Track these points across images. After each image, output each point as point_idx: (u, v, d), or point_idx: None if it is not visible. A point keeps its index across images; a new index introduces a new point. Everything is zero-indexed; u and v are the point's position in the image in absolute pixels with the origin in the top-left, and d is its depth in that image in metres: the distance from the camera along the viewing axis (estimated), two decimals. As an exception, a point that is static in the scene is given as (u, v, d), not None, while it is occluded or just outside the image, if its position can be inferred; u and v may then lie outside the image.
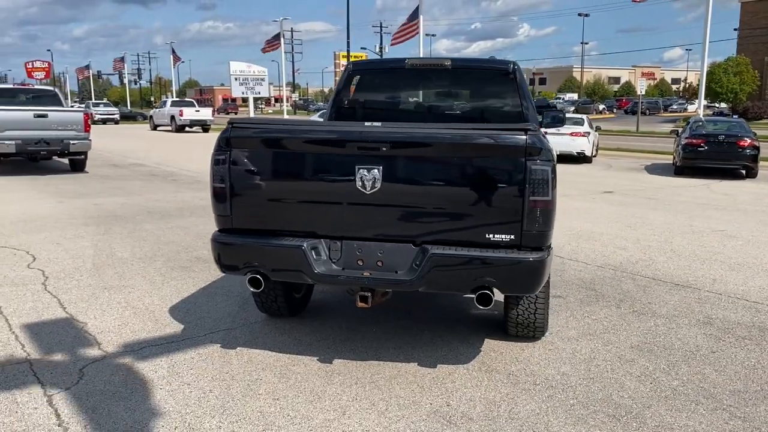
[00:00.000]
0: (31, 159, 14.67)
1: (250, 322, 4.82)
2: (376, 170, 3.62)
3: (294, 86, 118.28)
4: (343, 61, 60.22)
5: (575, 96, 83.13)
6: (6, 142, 13.20)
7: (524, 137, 3.49)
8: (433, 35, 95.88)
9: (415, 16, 30.46)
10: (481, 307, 3.63)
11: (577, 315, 5.10)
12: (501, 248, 3.61)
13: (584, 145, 18.72)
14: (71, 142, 13.79)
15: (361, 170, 3.62)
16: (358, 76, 5.79)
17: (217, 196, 3.86)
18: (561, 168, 17.21)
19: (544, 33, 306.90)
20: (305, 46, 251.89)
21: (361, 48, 66.71)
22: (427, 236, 3.69)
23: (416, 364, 4.11)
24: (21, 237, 7.71)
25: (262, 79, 38.00)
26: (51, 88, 18.51)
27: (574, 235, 8.24)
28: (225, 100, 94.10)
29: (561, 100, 74.17)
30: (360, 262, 3.77)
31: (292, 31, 75.56)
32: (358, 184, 3.63)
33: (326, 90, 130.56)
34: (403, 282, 3.66)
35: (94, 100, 59.14)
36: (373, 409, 3.49)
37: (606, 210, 10.48)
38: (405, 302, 5.22)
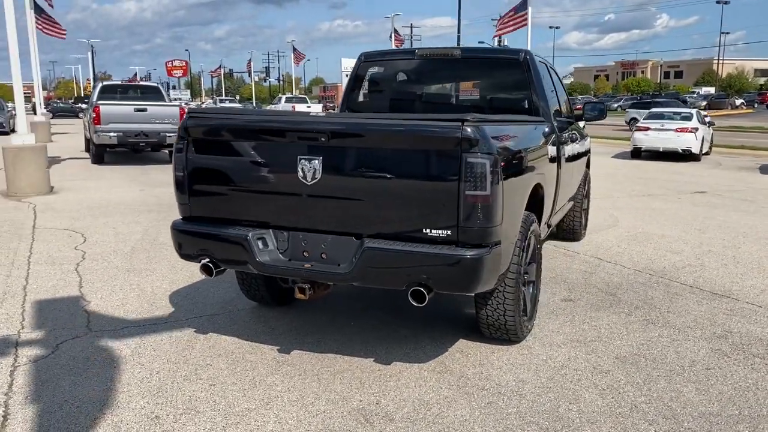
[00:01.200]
0: (134, 150, 15.73)
1: (237, 309, 4.91)
2: (316, 161, 3.57)
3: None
4: (462, 56, 59.46)
5: (712, 90, 77.63)
6: (109, 134, 14.25)
7: (459, 128, 3.30)
8: (557, 27, 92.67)
9: (524, 7, 29.65)
10: (415, 304, 3.48)
11: (577, 320, 4.78)
12: (438, 244, 3.45)
13: (690, 142, 17.44)
14: (167, 134, 14.64)
15: (302, 160, 3.59)
16: (370, 67, 5.73)
17: (177, 184, 3.97)
18: (662, 166, 16.24)
19: (684, 23, 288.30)
20: (431, 41, 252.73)
21: (479, 42, 65.82)
22: (368, 229, 3.59)
23: (372, 360, 4.02)
24: (86, 221, 8.30)
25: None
26: (155, 84, 19.79)
27: (629, 237, 7.72)
28: (323, 97, 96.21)
29: (696, 95, 69.57)
30: (306, 254, 3.74)
31: (411, 26, 76.22)
32: (300, 174, 3.60)
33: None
34: (339, 275, 3.59)
35: (222, 97, 62.66)
36: (299, 402, 3.45)
37: (685, 211, 9.72)
38: (399, 298, 5.09)
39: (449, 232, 3.41)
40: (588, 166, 7.67)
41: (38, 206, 9.35)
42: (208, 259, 3.86)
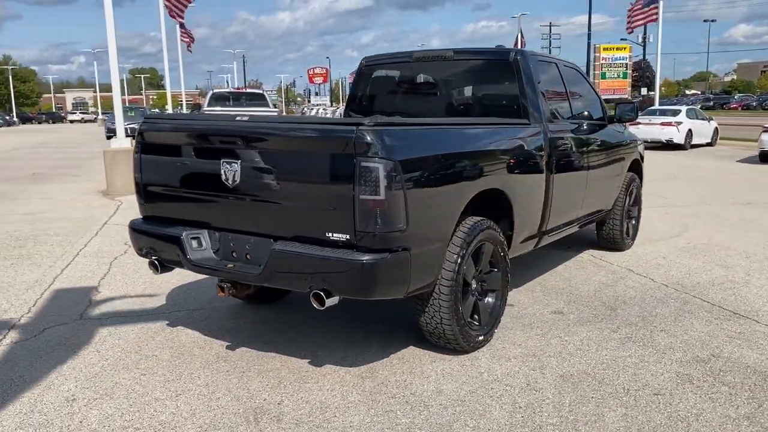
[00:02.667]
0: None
1: (220, 306, 5.14)
2: (235, 164, 3.70)
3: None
4: (604, 54, 56.75)
5: None
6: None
7: (354, 132, 3.28)
8: (712, 20, 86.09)
9: (654, 0, 27.98)
10: (316, 306, 3.50)
11: (551, 334, 4.53)
12: (340, 248, 3.45)
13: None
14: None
15: (224, 164, 3.73)
16: (370, 71, 5.77)
17: (136, 184, 4.25)
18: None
19: None
20: (574, 40, 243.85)
21: (621, 39, 62.70)
22: (280, 231, 3.66)
23: (308, 361, 4.07)
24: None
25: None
26: (260, 91, 20.81)
27: (685, 248, 7.14)
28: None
29: None
30: (234, 254, 3.88)
31: (550, 25, 74.51)
32: (223, 177, 3.74)
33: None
34: (252, 276, 3.69)
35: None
36: (207, 397, 3.58)
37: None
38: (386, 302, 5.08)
39: (348, 237, 3.39)
40: (638, 171, 7.16)
41: (123, 204, 10.22)
42: (154, 257, 4.10)
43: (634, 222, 7.25)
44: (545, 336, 4.48)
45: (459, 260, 3.87)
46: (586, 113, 5.81)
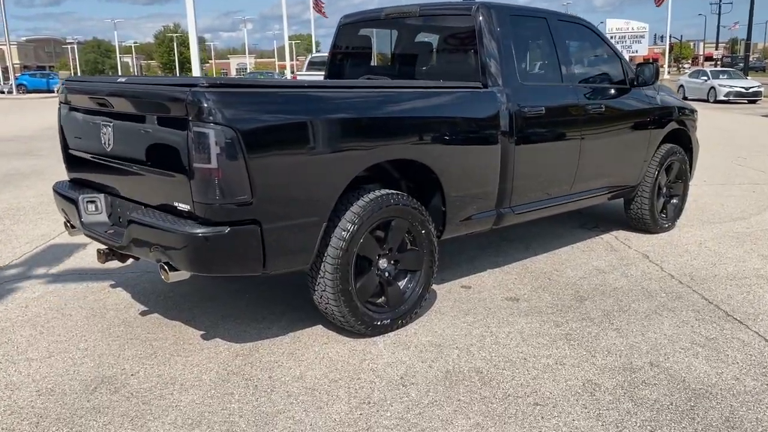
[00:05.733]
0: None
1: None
2: (108, 126, 3.63)
3: (736, 43, 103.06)
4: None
5: None
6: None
7: (186, 94, 3.07)
8: None
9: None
10: (164, 279, 3.36)
11: (482, 323, 4.09)
12: (186, 219, 3.28)
13: None
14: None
15: (102, 126, 3.68)
16: (348, 31, 5.45)
17: (61, 148, 4.32)
18: None
19: None
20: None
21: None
22: (150, 199, 3.55)
23: (200, 334, 3.97)
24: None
25: (641, 37, 35.41)
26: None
27: (737, 234, 6.22)
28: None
29: None
30: (120, 220, 3.83)
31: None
32: (103, 140, 3.69)
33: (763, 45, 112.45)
34: (117, 244, 3.62)
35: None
36: (71, 361, 3.57)
37: None
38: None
39: (189, 207, 3.21)
40: (685, 143, 6.26)
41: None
42: (65, 219, 4.16)
43: (675, 201, 6.35)
44: (473, 325, 4.03)
45: (349, 237, 3.54)
46: (591, 75, 5.11)
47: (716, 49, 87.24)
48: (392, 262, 3.88)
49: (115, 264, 4.25)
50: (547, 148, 4.73)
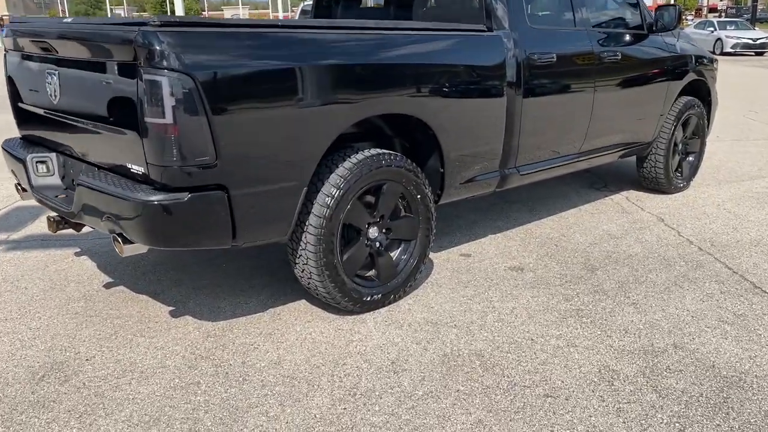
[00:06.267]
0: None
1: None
2: (54, 75, 3.13)
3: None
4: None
5: None
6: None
7: (134, 35, 2.56)
8: None
9: None
10: (119, 253, 2.92)
11: (483, 296, 3.68)
12: (141, 183, 2.82)
13: None
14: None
15: (48, 74, 3.18)
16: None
17: (10, 102, 3.82)
18: None
19: None
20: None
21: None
22: (104, 159, 3.08)
23: (169, 310, 3.55)
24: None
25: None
26: None
27: (752, 195, 5.76)
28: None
29: None
30: (73, 182, 3.37)
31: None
32: (49, 91, 3.20)
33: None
34: (67, 211, 3.16)
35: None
36: (19, 343, 3.18)
37: None
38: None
39: (143, 170, 2.74)
40: (703, 95, 5.76)
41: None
42: (16, 182, 3.70)
43: (691, 159, 5.89)
44: (473, 299, 3.61)
45: (333, 203, 3.09)
46: (605, 19, 4.57)
47: (720, 1, 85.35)
48: (384, 231, 3.44)
49: (87, 230, 3.80)
50: (558, 101, 4.25)
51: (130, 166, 2.81)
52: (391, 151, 3.36)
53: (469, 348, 3.09)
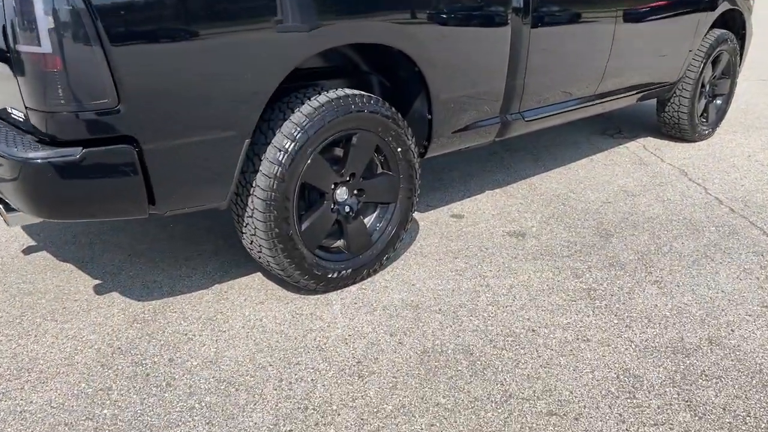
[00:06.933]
0: None
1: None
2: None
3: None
4: None
5: None
6: None
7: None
8: None
9: None
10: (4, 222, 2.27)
11: (474, 271, 3.05)
12: (27, 133, 2.14)
13: None
14: None
15: None
16: None
17: None
18: None
19: None
20: None
21: None
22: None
23: (94, 284, 2.93)
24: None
25: None
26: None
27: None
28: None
29: None
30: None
31: None
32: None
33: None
34: None
35: None
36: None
37: None
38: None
39: (22, 116, 2.06)
40: (737, 29, 5.00)
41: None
42: None
43: (719, 102, 5.17)
44: (463, 274, 2.98)
45: (287, 159, 2.41)
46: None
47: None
48: (355, 192, 2.77)
49: None
50: (573, 32, 3.52)
51: (11, 111, 2.12)
52: (363, 93, 2.66)
53: (455, 341, 2.48)
